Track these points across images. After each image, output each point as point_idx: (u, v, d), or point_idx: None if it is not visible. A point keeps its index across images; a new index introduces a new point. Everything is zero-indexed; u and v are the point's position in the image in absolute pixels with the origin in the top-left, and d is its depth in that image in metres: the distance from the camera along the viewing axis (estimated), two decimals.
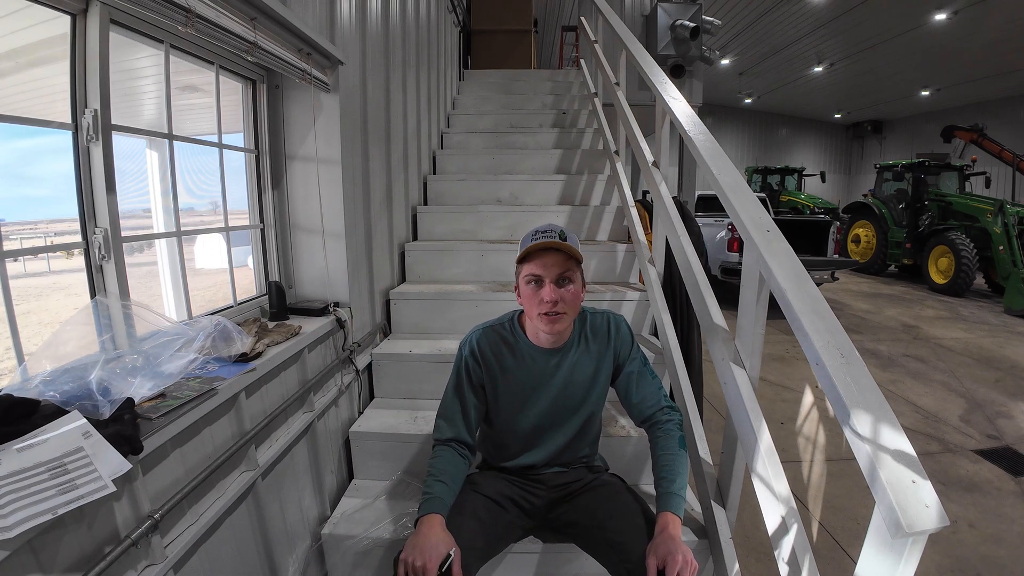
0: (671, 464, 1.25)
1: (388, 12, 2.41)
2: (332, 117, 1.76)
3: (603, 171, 3.31)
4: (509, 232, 2.87)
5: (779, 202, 11.88)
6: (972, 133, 8.93)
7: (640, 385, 1.36)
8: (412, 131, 2.88)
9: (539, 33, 8.91)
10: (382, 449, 1.78)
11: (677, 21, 4.53)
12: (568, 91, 4.81)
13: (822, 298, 0.99)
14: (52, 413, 0.80)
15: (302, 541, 1.56)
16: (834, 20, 9.93)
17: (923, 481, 0.70)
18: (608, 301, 2.22)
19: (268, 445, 1.40)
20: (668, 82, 2.00)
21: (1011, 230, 6.98)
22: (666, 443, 1.29)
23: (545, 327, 1.24)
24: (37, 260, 1.29)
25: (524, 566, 1.44)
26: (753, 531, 2.03)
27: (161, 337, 1.11)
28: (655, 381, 1.38)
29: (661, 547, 1.08)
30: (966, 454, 2.87)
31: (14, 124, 0.96)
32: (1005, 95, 12.56)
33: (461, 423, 1.33)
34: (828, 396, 0.86)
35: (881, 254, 9.17)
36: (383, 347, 2.14)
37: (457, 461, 1.28)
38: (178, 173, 1.37)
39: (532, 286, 1.23)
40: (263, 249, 1.79)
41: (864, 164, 17.07)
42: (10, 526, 0.65)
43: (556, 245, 1.20)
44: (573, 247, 1.21)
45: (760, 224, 1.21)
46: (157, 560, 0.94)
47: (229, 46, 1.26)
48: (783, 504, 1.07)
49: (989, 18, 8.96)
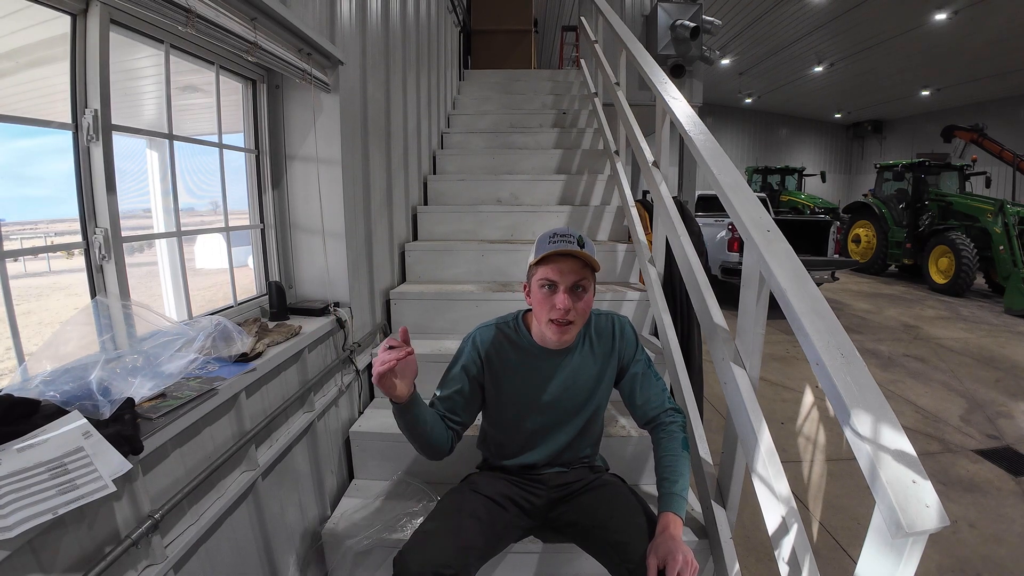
0: (674, 465, 1.25)
1: (388, 12, 2.41)
2: (332, 117, 1.76)
3: (603, 171, 3.31)
4: (509, 232, 2.87)
5: (779, 202, 11.88)
6: (972, 133, 8.92)
7: (644, 387, 1.36)
8: (412, 131, 2.88)
9: (539, 33, 8.91)
10: (382, 449, 1.78)
11: (677, 21, 4.53)
12: (568, 91, 4.81)
13: (822, 298, 0.99)
14: (52, 413, 0.80)
15: (302, 541, 1.56)
16: (834, 20, 9.93)
17: (923, 481, 0.70)
18: (608, 301, 2.22)
19: (268, 445, 1.40)
20: (668, 82, 2.00)
21: (1011, 230, 6.97)
22: (669, 444, 1.29)
23: (553, 336, 1.23)
24: (37, 260, 1.29)
25: (524, 566, 1.44)
26: (753, 531, 2.03)
27: (161, 337, 1.11)
28: (659, 383, 1.38)
29: (662, 547, 1.08)
30: (966, 454, 2.87)
31: (14, 124, 0.96)
32: (1005, 95, 12.55)
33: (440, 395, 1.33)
34: (828, 396, 0.86)
35: (881, 254, 9.16)
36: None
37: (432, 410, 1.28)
38: (178, 173, 1.37)
39: (545, 290, 1.21)
40: (263, 249, 1.79)
41: (864, 164, 17.06)
42: (10, 526, 0.65)
43: (575, 252, 1.18)
44: (591, 256, 1.19)
45: (760, 224, 1.21)
46: (157, 560, 0.94)
47: (229, 46, 1.26)
48: (783, 504, 1.07)
49: (989, 18, 8.96)
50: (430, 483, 1.69)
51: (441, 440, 1.27)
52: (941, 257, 7.86)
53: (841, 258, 7.75)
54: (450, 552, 1.11)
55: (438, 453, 1.28)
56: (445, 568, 1.07)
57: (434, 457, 1.29)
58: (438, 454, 1.28)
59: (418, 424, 1.20)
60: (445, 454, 1.30)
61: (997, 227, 7.13)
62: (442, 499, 1.35)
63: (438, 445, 1.27)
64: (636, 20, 4.82)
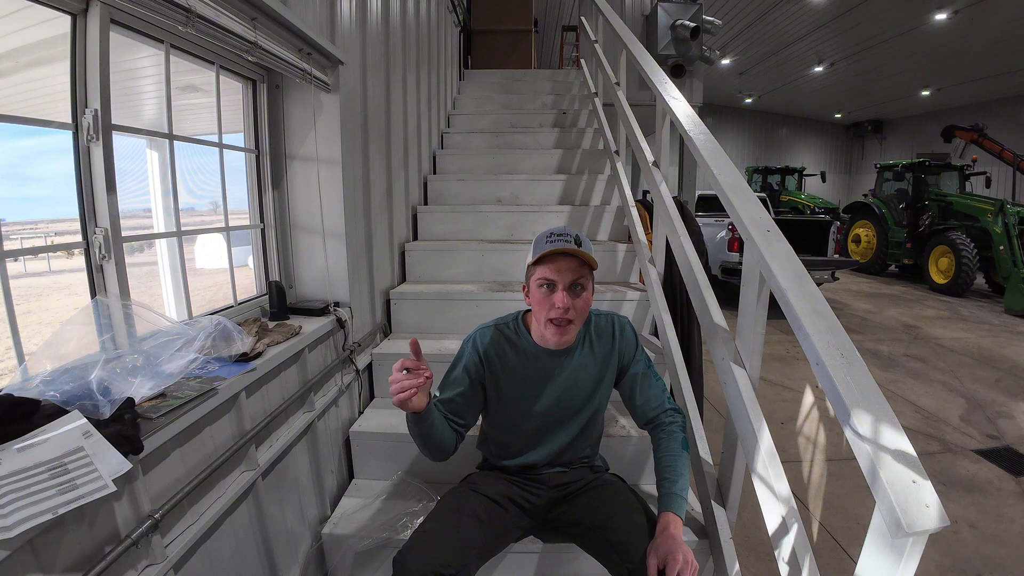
0: (674, 465, 1.25)
1: (388, 12, 2.41)
2: (332, 117, 1.76)
3: (603, 171, 3.31)
4: (509, 232, 2.87)
5: (779, 202, 11.87)
6: (972, 133, 8.92)
7: (644, 387, 1.36)
8: (412, 131, 2.88)
9: (539, 33, 8.91)
10: (382, 449, 1.78)
11: (677, 21, 4.53)
12: (568, 91, 4.81)
13: (822, 298, 0.99)
14: (52, 413, 0.80)
15: (302, 541, 1.56)
16: (834, 20, 9.92)
17: (923, 481, 0.70)
18: (608, 301, 2.22)
19: (268, 445, 1.40)
20: (668, 82, 2.00)
21: (1011, 230, 6.97)
22: (669, 444, 1.29)
23: (552, 336, 1.23)
24: (37, 260, 1.30)
25: (524, 566, 1.44)
26: (753, 531, 2.03)
27: (161, 337, 1.11)
28: (659, 383, 1.38)
29: (662, 547, 1.08)
30: (966, 454, 2.87)
31: (14, 124, 0.96)
32: (1005, 95, 12.55)
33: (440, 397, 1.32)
34: (828, 396, 0.86)
35: (881, 254, 9.16)
36: (383, 347, 2.14)
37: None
38: (178, 173, 1.37)
39: (544, 290, 1.21)
40: (263, 249, 1.79)
41: (864, 164, 17.05)
42: (10, 526, 0.65)
43: (572, 251, 1.18)
44: (588, 254, 1.20)
45: (760, 224, 1.21)
46: (157, 560, 0.94)
47: (229, 46, 1.26)
48: (783, 504, 1.07)
49: (989, 18, 8.96)
50: (430, 483, 1.69)
51: (449, 442, 1.27)
52: (941, 257, 7.86)
53: (841, 258, 7.76)
54: (450, 552, 1.11)
55: (445, 455, 1.28)
56: (445, 568, 1.07)
57: (440, 459, 1.29)
58: (444, 456, 1.29)
59: (433, 430, 1.20)
60: (450, 455, 1.30)
61: (997, 227, 7.13)
62: (442, 499, 1.35)
63: (446, 448, 1.27)
64: (636, 20, 4.82)
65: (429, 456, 1.27)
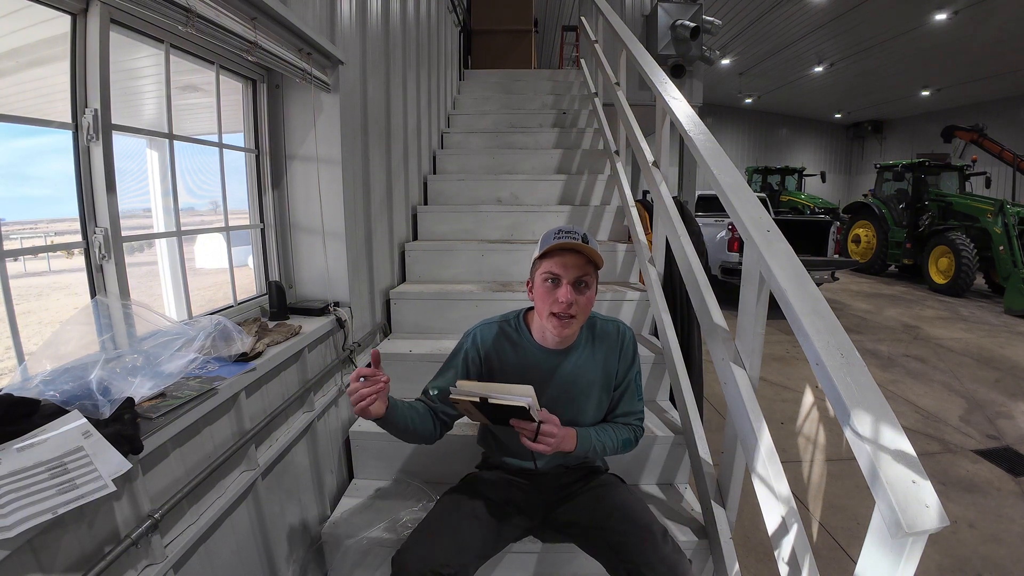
0: (609, 430, 1.33)
1: (388, 12, 2.41)
2: (332, 117, 1.76)
3: (603, 171, 3.31)
4: (509, 232, 2.87)
5: (779, 202, 11.87)
6: (972, 133, 8.92)
7: (625, 401, 1.39)
8: (412, 131, 2.88)
9: (539, 33, 8.91)
10: (382, 449, 1.78)
11: (677, 21, 4.53)
12: (568, 91, 4.81)
13: (822, 298, 1.00)
14: (52, 413, 0.80)
15: (302, 541, 1.56)
16: (834, 20, 9.92)
17: (923, 481, 0.70)
18: (608, 301, 2.22)
19: (268, 445, 1.40)
20: (668, 82, 2.00)
21: (1011, 230, 6.97)
22: (617, 428, 1.35)
23: (554, 330, 1.24)
24: (37, 260, 1.29)
25: (524, 566, 1.44)
26: (753, 531, 2.03)
27: (161, 337, 1.11)
28: (640, 402, 1.41)
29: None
30: (966, 454, 2.87)
31: (14, 124, 0.96)
32: (1005, 95, 12.55)
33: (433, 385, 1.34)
34: (828, 396, 0.86)
35: (881, 254, 9.16)
36: (383, 347, 2.14)
37: (418, 405, 1.29)
38: (178, 173, 1.37)
39: (549, 284, 1.22)
40: (263, 249, 1.79)
41: (864, 164, 17.06)
42: (10, 525, 0.65)
43: (578, 247, 1.19)
44: (594, 251, 1.20)
45: (760, 224, 1.21)
46: (157, 560, 0.94)
47: (229, 46, 1.26)
48: (783, 504, 1.07)
49: (989, 18, 8.96)
50: (430, 483, 1.69)
51: (426, 433, 1.28)
52: (941, 257, 7.86)
53: (841, 258, 7.75)
54: (449, 552, 1.11)
55: (425, 442, 1.31)
56: (444, 568, 1.07)
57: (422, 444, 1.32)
58: (425, 443, 1.31)
59: (398, 429, 1.22)
60: (433, 442, 1.33)
61: (997, 227, 7.13)
62: (441, 499, 1.35)
63: (426, 439, 1.29)
64: (636, 20, 4.82)
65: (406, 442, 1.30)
